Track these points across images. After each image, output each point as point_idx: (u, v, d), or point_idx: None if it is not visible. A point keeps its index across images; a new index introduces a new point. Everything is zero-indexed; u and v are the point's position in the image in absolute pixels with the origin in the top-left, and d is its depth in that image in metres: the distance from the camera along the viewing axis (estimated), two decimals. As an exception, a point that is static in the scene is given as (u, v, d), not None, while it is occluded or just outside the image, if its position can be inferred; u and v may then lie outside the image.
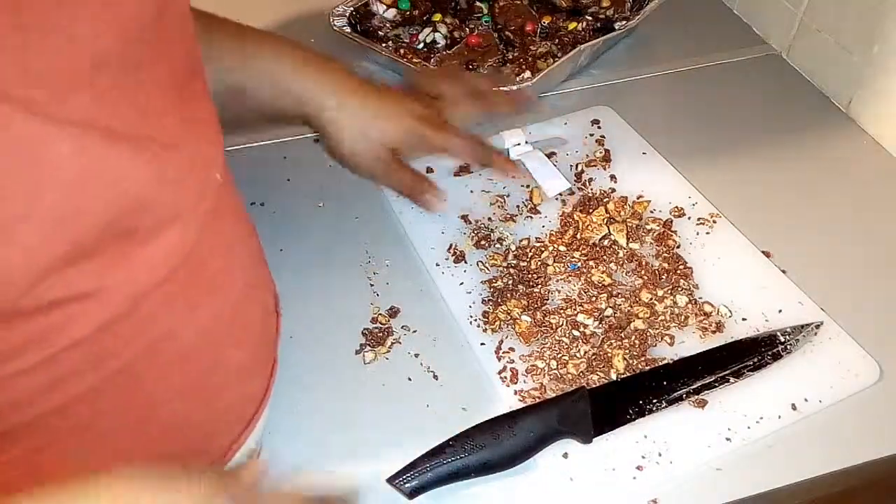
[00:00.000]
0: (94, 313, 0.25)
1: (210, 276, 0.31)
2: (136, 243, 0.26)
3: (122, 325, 0.27)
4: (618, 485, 0.39)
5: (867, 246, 0.52)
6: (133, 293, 0.26)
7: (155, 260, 0.27)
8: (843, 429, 0.42)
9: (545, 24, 0.68)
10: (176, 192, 0.27)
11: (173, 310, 0.29)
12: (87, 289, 0.25)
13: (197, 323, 0.30)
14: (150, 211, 0.26)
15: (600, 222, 0.50)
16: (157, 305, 0.28)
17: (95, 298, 0.25)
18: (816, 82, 0.65)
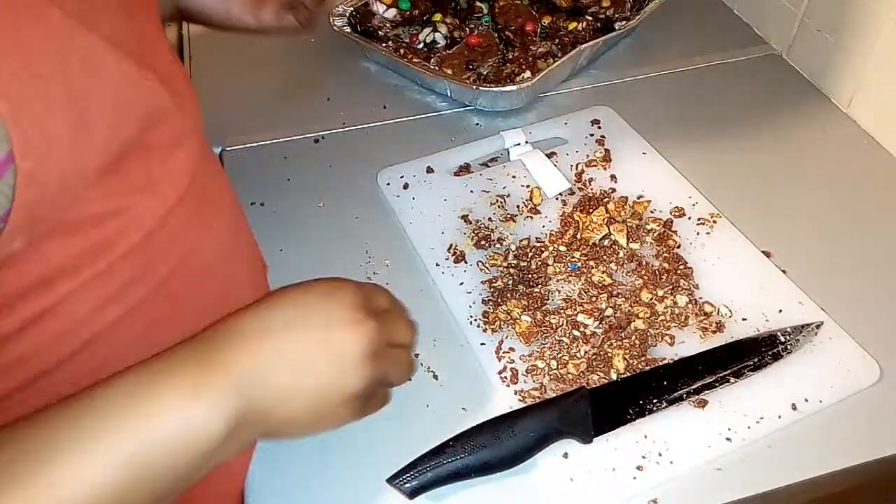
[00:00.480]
0: (135, 226, 0.29)
1: (211, 197, 0.35)
2: (158, 159, 0.29)
3: (157, 240, 0.30)
4: (618, 485, 0.39)
5: (867, 246, 0.52)
6: (161, 208, 0.30)
7: (173, 177, 0.30)
8: (844, 429, 0.41)
9: (545, 24, 0.68)
10: (180, 114, 0.30)
11: (192, 227, 0.32)
12: (125, 203, 0.28)
13: (212, 239, 0.34)
14: (165, 125, 0.29)
15: (600, 222, 0.50)
16: (180, 222, 0.31)
17: (134, 210, 0.28)
18: (816, 82, 0.65)
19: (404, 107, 0.64)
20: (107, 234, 0.28)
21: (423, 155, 0.59)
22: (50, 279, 0.27)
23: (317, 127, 0.62)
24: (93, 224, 0.27)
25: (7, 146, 0.22)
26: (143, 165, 0.29)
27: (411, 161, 0.58)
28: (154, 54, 0.30)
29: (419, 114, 0.64)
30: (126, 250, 0.29)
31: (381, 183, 0.57)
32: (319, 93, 0.66)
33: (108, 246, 0.28)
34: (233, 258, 0.38)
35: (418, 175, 0.57)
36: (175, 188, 0.31)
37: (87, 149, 0.25)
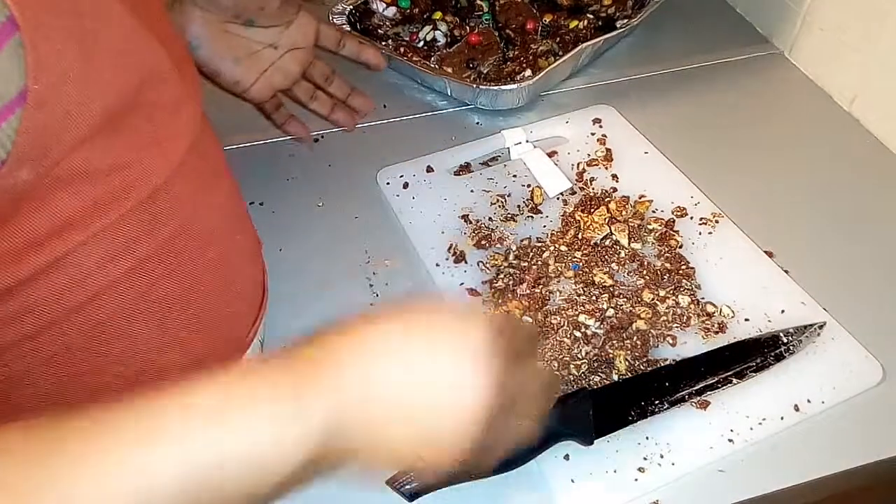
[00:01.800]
0: (140, 184, 0.30)
1: (212, 164, 0.36)
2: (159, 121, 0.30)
3: (162, 198, 0.31)
4: (619, 487, 0.39)
5: (870, 246, 0.51)
6: (166, 167, 0.31)
7: (176, 139, 0.31)
8: (846, 430, 0.41)
9: (546, 23, 0.67)
10: (182, 77, 0.31)
11: (195, 190, 0.33)
12: (130, 160, 0.29)
13: (213, 205, 0.36)
14: (166, 86, 0.30)
15: (602, 222, 0.50)
16: (184, 184, 0.32)
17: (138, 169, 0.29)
18: (819, 81, 0.64)
19: (404, 106, 0.64)
20: (115, 188, 0.29)
21: (423, 154, 0.58)
22: (60, 229, 0.27)
23: (316, 126, 0.62)
24: (101, 177, 0.28)
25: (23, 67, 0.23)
26: (147, 124, 0.30)
27: (411, 160, 0.58)
28: (157, 21, 0.32)
29: (419, 113, 0.63)
30: (133, 205, 0.30)
31: (380, 182, 0.56)
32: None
33: (116, 200, 0.29)
34: (234, 229, 0.39)
35: (418, 174, 0.57)
36: (178, 149, 0.32)
37: (93, 87, 0.26)
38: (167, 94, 0.31)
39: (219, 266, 0.37)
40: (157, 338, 0.33)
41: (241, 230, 0.41)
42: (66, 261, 0.28)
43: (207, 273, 0.36)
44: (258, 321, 0.41)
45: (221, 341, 0.38)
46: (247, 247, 0.41)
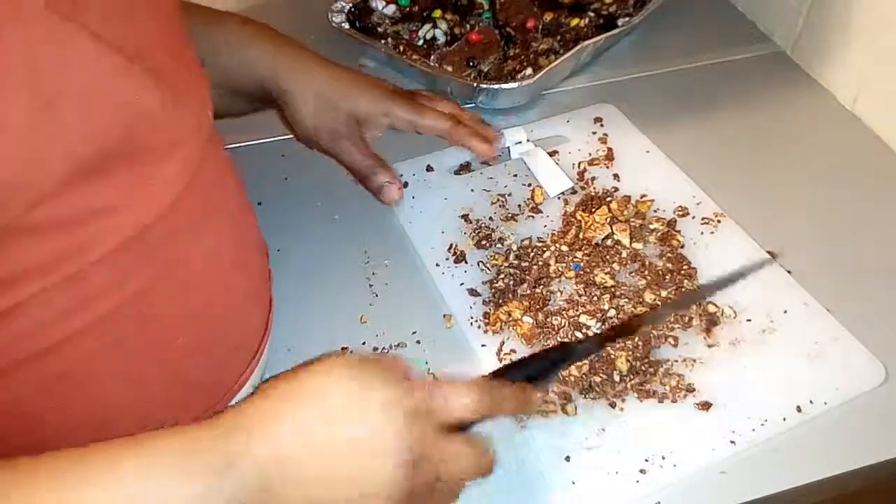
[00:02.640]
0: (113, 232, 0.27)
1: (210, 205, 0.33)
2: (148, 163, 0.28)
3: (138, 247, 0.28)
4: (621, 488, 0.39)
5: (873, 246, 0.51)
6: (146, 214, 0.28)
7: (165, 182, 0.29)
8: (849, 431, 0.41)
9: (547, 21, 0.67)
10: (178, 120, 0.29)
11: (180, 236, 0.31)
12: (107, 204, 0.26)
13: (202, 250, 0.32)
14: (158, 132, 0.28)
15: (603, 222, 0.50)
16: (165, 232, 0.29)
17: (115, 216, 0.27)
18: (821, 80, 0.64)
19: (404, 104, 0.63)
20: (80, 239, 0.26)
21: (423, 153, 0.58)
22: (14, 279, 0.25)
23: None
24: (66, 226, 0.26)
25: None
26: (130, 168, 0.27)
27: (411, 159, 0.58)
28: (154, 49, 0.28)
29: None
30: (100, 257, 0.27)
31: (380, 182, 0.56)
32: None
33: (81, 251, 0.26)
34: (229, 270, 0.35)
35: (418, 174, 0.56)
36: (167, 194, 0.29)
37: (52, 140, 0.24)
38: (159, 137, 0.28)
39: (204, 314, 0.33)
40: (127, 393, 0.31)
41: (242, 269, 0.37)
42: (19, 311, 0.26)
43: (188, 323, 0.33)
44: (252, 367, 0.38)
45: (207, 389, 0.36)
46: (245, 287, 0.37)
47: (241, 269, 0.37)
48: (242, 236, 0.37)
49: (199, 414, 0.35)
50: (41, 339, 0.27)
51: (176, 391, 0.34)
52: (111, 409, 0.31)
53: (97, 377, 0.30)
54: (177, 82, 0.29)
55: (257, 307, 0.39)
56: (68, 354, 0.28)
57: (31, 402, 0.29)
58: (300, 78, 0.45)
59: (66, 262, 0.26)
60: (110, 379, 0.31)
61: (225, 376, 0.37)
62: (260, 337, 0.39)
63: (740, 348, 0.44)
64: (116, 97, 0.26)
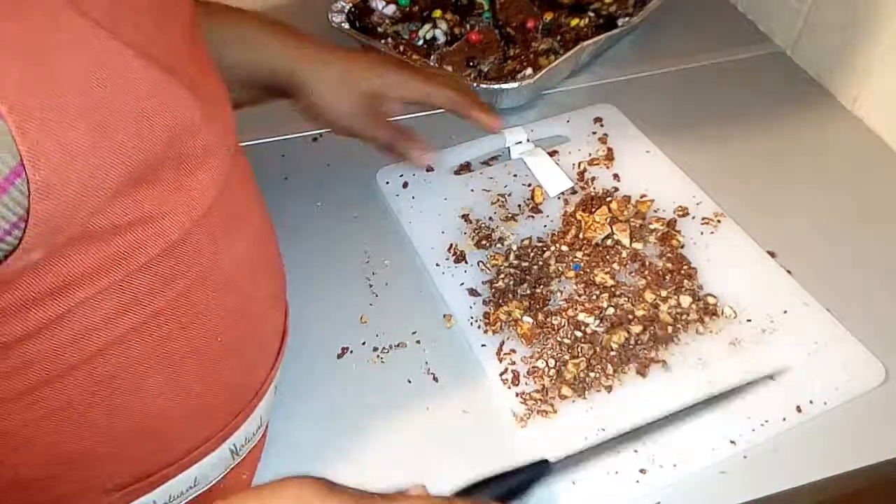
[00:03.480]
0: (157, 238, 0.28)
1: (239, 209, 0.34)
2: (187, 171, 0.29)
3: (179, 251, 0.29)
4: (621, 488, 0.38)
5: (872, 246, 0.51)
6: (187, 220, 0.29)
7: (202, 189, 0.30)
8: (849, 431, 0.41)
9: (547, 21, 0.67)
10: (212, 123, 0.30)
11: (216, 240, 0.32)
12: (151, 212, 0.28)
13: (234, 253, 0.34)
14: (196, 137, 0.29)
15: (603, 222, 0.50)
16: (204, 236, 0.31)
17: (159, 222, 0.28)
18: (822, 80, 0.64)
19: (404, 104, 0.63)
20: (128, 244, 0.27)
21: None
22: (66, 286, 0.26)
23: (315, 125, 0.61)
24: (115, 233, 0.27)
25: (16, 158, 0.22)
26: (172, 176, 0.28)
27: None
28: (184, 61, 0.29)
29: (419, 112, 0.63)
30: (146, 261, 0.28)
31: (380, 182, 0.56)
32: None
33: (129, 256, 0.27)
34: (254, 273, 0.36)
35: (418, 174, 0.56)
36: (203, 200, 0.30)
37: (109, 159, 0.25)
38: (197, 144, 0.29)
39: (237, 316, 0.35)
40: (169, 391, 0.32)
41: (266, 272, 0.39)
42: (69, 317, 0.27)
43: (224, 324, 0.34)
44: (275, 367, 0.40)
45: (237, 391, 0.37)
46: (270, 290, 0.39)
47: (265, 272, 0.38)
48: (266, 240, 0.39)
49: (230, 420, 0.36)
50: (90, 344, 0.28)
51: (213, 393, 0.35)
52: (155, 412, 0.32)
53: (143, 379, 0.31)
54: (207, 92, 0.30)
55: (278, 310, 0.41)
56: (115, 357, 0.29)
57: (81, 406, 0.30)
58: (317, 70, 0.47)
59: (114, 268, 0.27)
60: (155, 381, 0.31)
61: (253, 379, 0.38)
62: (280, 339, 0.40)
63: (740, 348, 0.44)
64: (163, 111, 0.27)
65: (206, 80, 0.31)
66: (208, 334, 0.33)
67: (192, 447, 0.35)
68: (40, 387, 0.28)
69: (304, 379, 0.44)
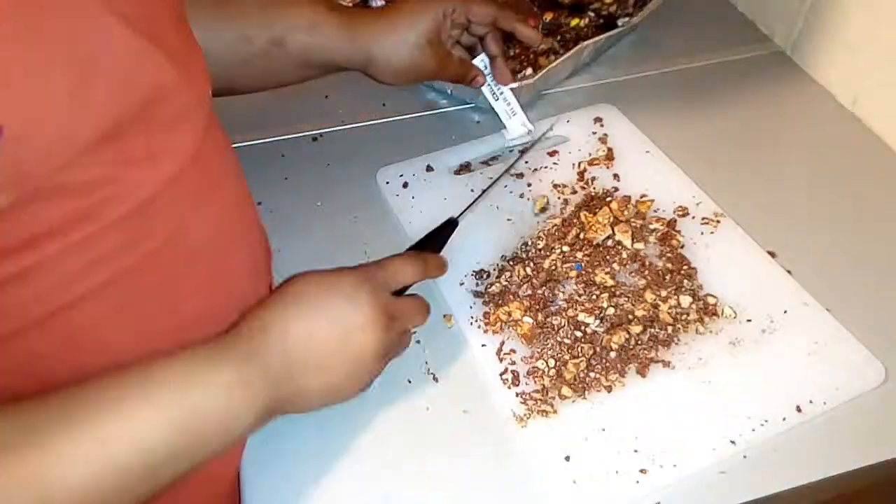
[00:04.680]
0: (124, 198, 0.29)
1: (213, 177, 0.36)
2: (157, 135, 0.30)
3: (146, 213, 0.31)
4: (621, 488, 0.38)
5: (872, 245, 0.51)
6: (156, 181, 0.31)
7: (171, 154, 0.31)
8: (849, 431, 0.41)
9: (547, 21, 0.67)
10: (186, 92, 0.31)
11: (187, 205, 0.33)
12: (120, 172, 0.29)
13: (208, 220, 0.36)
14: (169, 104, 0.30)
15: (605, 223, 0.50)
16: (174, 199, 0.32)
17: (126, 183, 0.29)
18: (821, 80, 0.64)
19: (404, 104, 0.63)
20: (98, 201, 0.28)
21: (423, 153, 0.58)
22: (36, 238, 0.27)
23: (315, 125, 0.61)
24: (84, 189, 0.28)
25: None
26: (142, 138, 0.29)
27: (411, 159, 0.57)
28: (167, 34, 0.31)
29: (419, 111, 0.63)
30: (115, 219, 0.29)
31: (380, 182, 0.56)
32: (318, 90, 0.65)
33: (98, 212, 0.28)
34: (231, 243, 0.38)
35: (418, 174, 0.56)
36: (173, 164, 0.31)
37: (84, 114, 0.26)
38: (167, 111, 0.30)
39: (211, 282, 0.36)
40: (140, 351, 0.32)
41: (244, 244, 0.40)
42: (40, 269, 0.28)
43: (197, 288, 0.35)
44: None
45: None
46: (248, 260, 0.41)
47: (242, 245, 0.40)
48: (242, 213, 0.40)
49: None
50: (57, 299, 0.29)
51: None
52: None
53: (111, 337, 0.32)
54: (185, 61, 0.32)
55: (260, 283, 0.42)
56: (82, 314, 0.30)
57: (48, 361, 0.31)
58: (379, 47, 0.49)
59: (81, 224, 0.28)
60: (124, 339, 0.33)
61: None
62: None
63: (740, 348, 0.44)
64: (139, 77, 0.28)
65: (186, 47, 0.33)
66: (179, 296, 0.34)
67: None
68: (8, 339, 0.29)
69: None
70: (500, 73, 0.55)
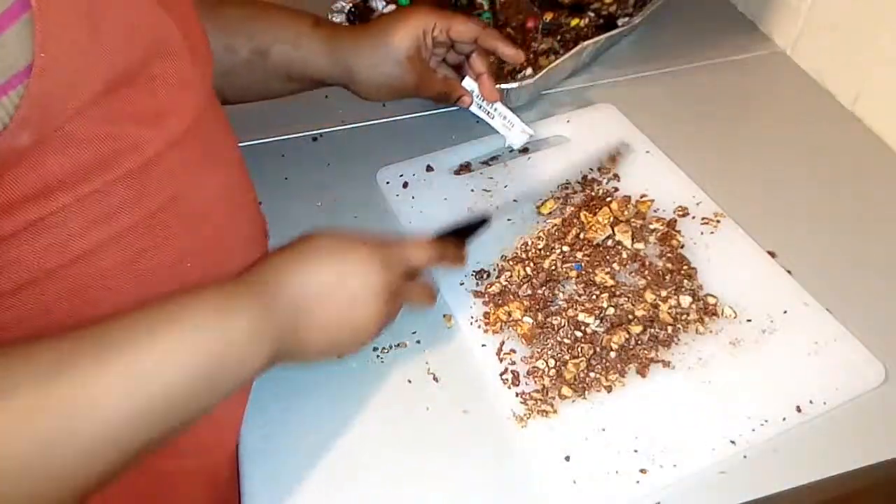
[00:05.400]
0: (133, 153, 0.31)
1: (214, 146, 0.37)
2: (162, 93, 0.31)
3: (154, 171, 0.32)
4: (621, 488, 0.38)
5: (872, 245, 0.51)
6: (161, 141, 0.32)
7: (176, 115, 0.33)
8: (849, 431, 0.41)
9: (547, 21, 0.67)
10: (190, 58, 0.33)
11: (190, 168, 0.35)
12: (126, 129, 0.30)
13: (210, 186, 0.37)
14: (174, 61, 0.32)
15: (605, 223, 0.50)
16: (177, 161, 0.33)
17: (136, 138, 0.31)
18: (821, 80, 0.64)
19: (404, 104, 0.63)
20: (105, 155, 0.29)
21: (423, 153, 0.58)
22: (48, 189, 0.28)
23: (315, 125, 0.61)
24: (93, 142, 0.29)
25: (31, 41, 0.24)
26: (149, 97, 0.31)
27: (411, 159, 0.58)
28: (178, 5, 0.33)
29: (419, 111, 0.63)
30: (122, 174, 0.30)
31: (380, 182, 0.56)
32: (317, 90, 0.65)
33: (106, 166, 0.30)
34: (231, 214, 0.40)
35: (418, 174, 0.56)
36: (177, 125, 0.33)
37: (95, 58, 0.27)
38: (173, 70, 0.32)
39: (210, 246, 0.37)
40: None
41: (244, 215, 0.41)
42: (48, 221, 0.29)
43: (197, 251, 0.36)
44: None
45: None
46: (247, 232, 0.42)
47: (241, 214, 0.41)
48: (242, 191, 0.41)
49: None
50: (69, 250, 0.30)
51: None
52: None
53: (115, 293, 0.33)
54: (190, 31, 0.33)
55: (259, 250, 0.44)
56: (91, 267, 0.32)
57: (57, 313, 0.32)
58: (359, 62, 0.50)
59: (92, 176, 0.29)
60: (127, 296, 0.33)
61: None
62: None
63: (740, 348, 0.44)
64: (148, 28, 0.30)
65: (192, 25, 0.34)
66: (180, 257, 0.35)
67: None
68: (21, 289, 0.30)
69: (304, 378, 0.44)
70: (486, 90, 0.56)
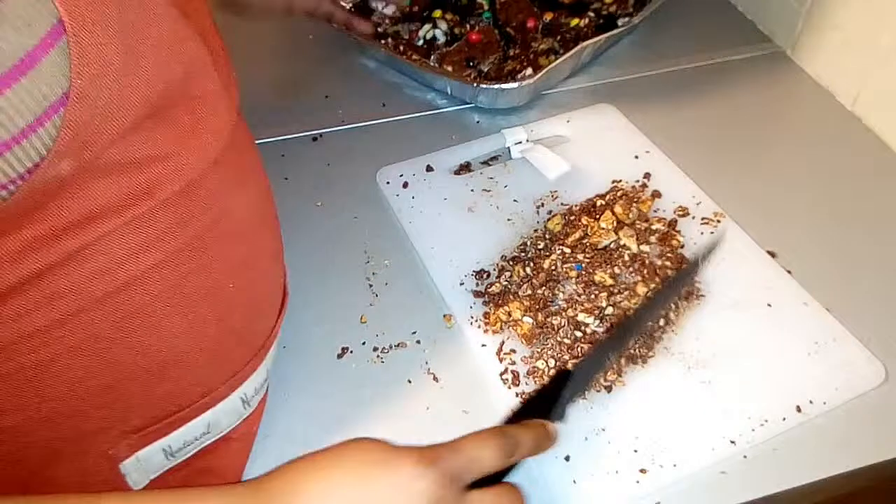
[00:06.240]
0: (175, 176, 0.30)
1: (245, 163, 0.37)
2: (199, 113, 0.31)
3: (195, 194, 0.31)
4: (621, 488, 0.38)
5: (872, 246, 0.51)
6: (202, 161, 0.31)
7: (213, 134, 0.32)
8: (849, 431, 0.41)
9: (547, 21, 0.67)
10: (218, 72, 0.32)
11: (228, 187, 0.34)
12: (169, 150, 0.29)
13: (245, 204, 0.36)
14: (207, 79, 0.31)
15: (609, 227, 0.50)
16: (217, 180, 0.33)
17: (175, 161, 0.30)
18: (821, 80, 0.64)
19: (404, 104, 0.63)
20: (150, 179, 0.29)
21: (423, 153, 0.58)
22: (93, 216, 0.28)
23: (315, 125, 0.62)
24: (137, 167, 0.28)
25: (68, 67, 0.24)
26: (188, 117, 0.30)
27: (411, 159, 0.58)
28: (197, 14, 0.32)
29: (419, 112, 0.63)
30: (167, 197, 0.30)
31: (380, 182, 0.56)
32: (318, 90, 0.65)
33: (150, 191, 0.29)
34: (261, 228, 0.39)
35: (418, 174, 0.56)
36: (216, 143, 0.32)
37: (134, 81, 0.27)
38: (208, 88, 0.31)
39: (247, 264, 0.37)
40: (185, 333, 0.33)
41: (268, 231, 0.41)
42: (95, 248, 0.29)
43: (236, 270, 0.36)
44: (279, 321, 0.41)
45: (246, 339, 0.38)
46: (272, 248, 0.41)
47: (268, 231, 0.41)
48: (267, 202, 0.41)
49: (241, 366, 0.38)
50: (114, 278, 0.30)
51: (226, 337, 0.36)
52: (173, 352, 0.33)
53: (162, 318, 0.32)
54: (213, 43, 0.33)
55: (279, 269, 0.43)
56: (137, 294, 0.31)
57: (105, 341, 0.31)
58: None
59: (136, 201, 0.29)
60: (173, 321, 0.33)
61: (260, 328, 0.40)
62: (281, 297, 0.42)
63: (740, 348, 0.44)
64: (180, 46, 0.29)
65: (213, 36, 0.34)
66: (222, 279, 0.34)
67: (206, 391, 0.36)
68: (69, 319, 0.29)
69: (304, 378, 0.44)
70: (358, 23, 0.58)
